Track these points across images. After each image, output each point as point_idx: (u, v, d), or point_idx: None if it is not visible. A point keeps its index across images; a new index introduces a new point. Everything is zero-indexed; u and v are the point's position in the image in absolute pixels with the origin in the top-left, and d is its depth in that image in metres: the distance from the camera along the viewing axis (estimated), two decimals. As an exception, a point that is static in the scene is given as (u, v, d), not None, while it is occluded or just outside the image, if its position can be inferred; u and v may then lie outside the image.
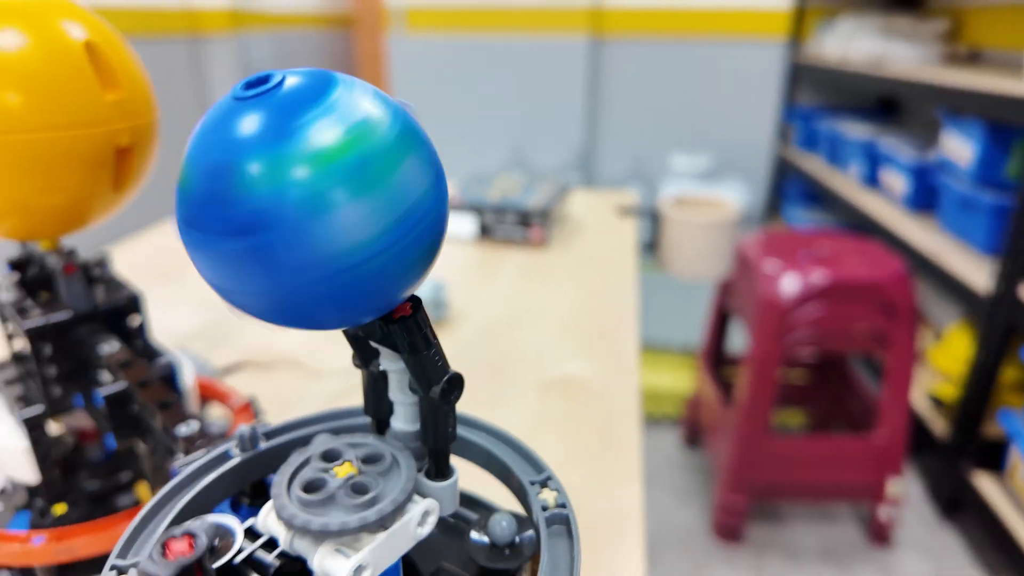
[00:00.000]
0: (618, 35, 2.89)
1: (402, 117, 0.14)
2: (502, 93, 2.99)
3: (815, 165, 2.19)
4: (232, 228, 0.13)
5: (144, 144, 0.29)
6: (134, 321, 0.34)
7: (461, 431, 0.22)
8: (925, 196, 1.50)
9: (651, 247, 1.04)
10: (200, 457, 0.20)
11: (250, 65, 3.03)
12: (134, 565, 0.16)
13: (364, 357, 0.18)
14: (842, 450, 1.18)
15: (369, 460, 0.17)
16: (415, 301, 0.17)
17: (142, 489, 0.35)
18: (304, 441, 0.20)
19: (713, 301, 1.40)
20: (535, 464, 0.20)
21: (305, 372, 0.58)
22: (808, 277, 1.08)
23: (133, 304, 0.34)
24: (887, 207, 1.59)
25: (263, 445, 0.20)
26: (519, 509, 0.22)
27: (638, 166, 3.03)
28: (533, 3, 2.83)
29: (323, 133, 0.13)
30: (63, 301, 0.32)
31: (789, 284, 1.09)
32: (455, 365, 0.48)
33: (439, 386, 0.18)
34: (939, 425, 1.31)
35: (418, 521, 0.17)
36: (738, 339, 1.83)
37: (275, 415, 0.49)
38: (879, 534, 1.22)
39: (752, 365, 1.13)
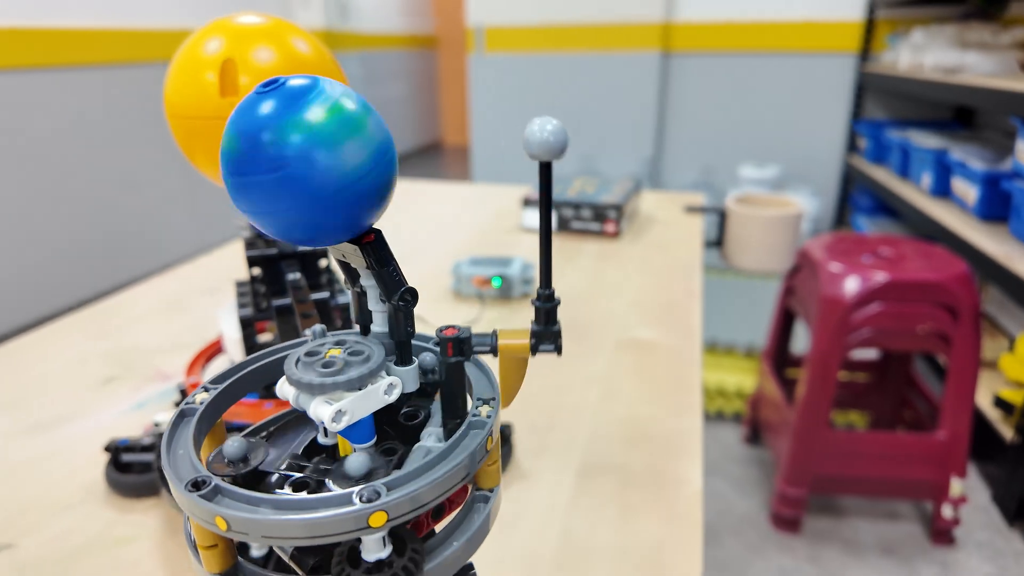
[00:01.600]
0: (687, 49, 2.95)
1: (362, 102, 0.21)
2: (573, 106, 3.10)
3: (884, 176, 2.19)
4: (261, 168, 0.19)
5: None
6: (322, 262, 0.46)
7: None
8: (997, 205, 1.51)
9: (717, 244, 1.12)
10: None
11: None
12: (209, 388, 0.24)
13: (351, 278, 0.25)
14: (903, 447, 1.21)
15: (353, 350, 0.23)
16: (377, 232, 0.23)
17: None
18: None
19: (777, 302, 1.45)
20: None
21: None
22: (871, 276, 1.13)
23: (322, 250, 0.45)
24: (958, 216, 1.60)
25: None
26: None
27: (706, 176, 3.08)
28: (605, 19, 2.93)
29: (312, 107, 0.19)
30: (276, 241, 0.45)
31: (851, 283, 1.14)
32: None
33: (397, 296, 0.23)
34: (1007, 431, 1.32)
35: (384, 390, 0.22)
36: (802, 341, 1.86)
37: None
38: (941, 533, 1.24)
39: (814, 361, 1.18)
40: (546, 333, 0.27)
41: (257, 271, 0.45)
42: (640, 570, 0.39)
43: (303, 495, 0.19)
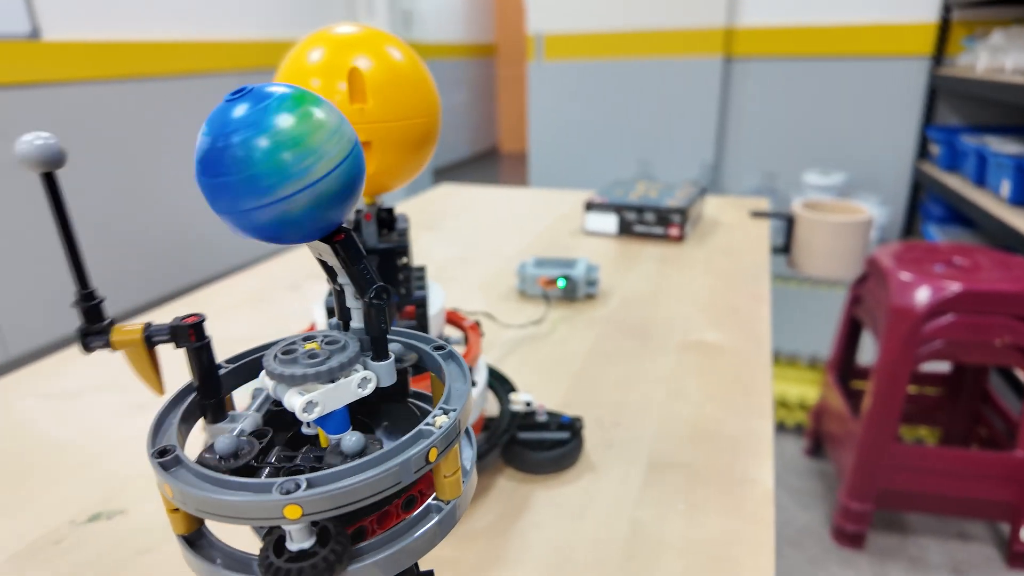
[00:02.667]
0: (750, 54, 2.90)
1: (327, 107, 0.22)
2: (632, 111, 3.09)
3: (958, 183, 2.10)
4: (230, 170, 0.20)
5: (392, 141, 0.42)
6: (401, 260, 0.49)
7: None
8: (1084, 214, 1.43)
9: (783, 251, 1.10)
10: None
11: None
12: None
13: (331, 276, 0.25)
14: (978, 465, 1.16)
15: (331, 343, 0.23)
16: (347, 231, 0.23)
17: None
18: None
19: (843, 311, 1.42)
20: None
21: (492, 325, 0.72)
22: (944, 286, 1.09)
23: (402, 249, 0.47)
24: (1040, 225, 1.53)
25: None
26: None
27: (768, 182, 3.02)
28: (666, 25, 2.92)
29: (277, 112, 0.20)
30: (363, 238, 0.47)
31: (923, 292, 1.10)
32: (606, 328, 0.62)
33: (368, 292, 0.23)
34: (1092, 451, 1.25)
35: (358, 383, 0.23)
36: (869, 352, 1.80)
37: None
38: (1019, 557, 1.19)
39: (881, 373, 1.15)
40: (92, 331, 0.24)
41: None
42: (712, 564, 0.40)
43: (242, 479, 0.20)
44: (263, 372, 0.23)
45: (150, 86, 2.45)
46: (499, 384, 0.55)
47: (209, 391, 0.25)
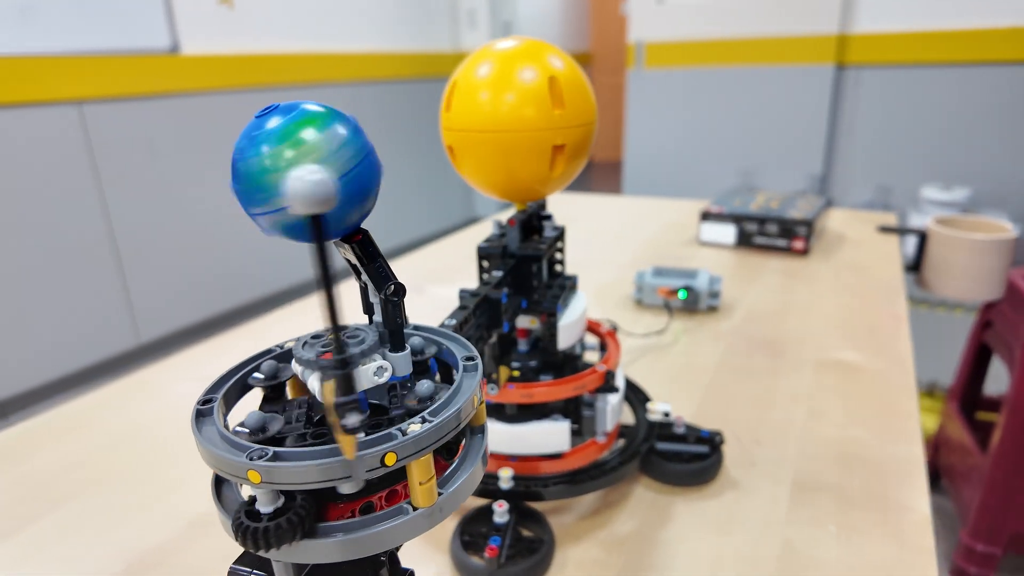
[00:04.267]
0: (865, 62, 2.76)
1: (343, 118, 0.24)
2: (735, 120, 3.00)
3: (1112, 201, 1.91)
4: (237, 179, 0.22)
5: (577, 144, 0.43)
6: (535, 266, 0.49)
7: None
8: None
9: (912, 269, 1.04)
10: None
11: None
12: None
13: (356, 273, 0.27)
14: None
15: (352, 335, 0.25)
16: (364, 232, 0.26)
17: (503, 371, 0.49)
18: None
19: (970, 336, 1.32)
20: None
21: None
22: (1100, 312, 1.00)
23: (535, 256, 0.48)
24: None
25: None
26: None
27: (883, 196, 2.85)
28: (773, 33, 2.82)
29: (300, 125, 0.22)
30: (513, 242, 0.48)
31: (1075, 319, 1.01)
32: (734, 342, 0.61)
33: (385, 289, 0.25)
34: None
35: (374, 371, 0.24)
36: (999, 381, 1.66)
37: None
38: None
39: (1015, 405, 1.06)
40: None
41: (486, 264, 0.49)
42: (873, 591, 0.38)
43: (234, 440, 0.22)
44: (293, 360, 0.25)
45: (273, 95, 2.62)
46: (633, 393, 0.55)
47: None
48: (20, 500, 0.49)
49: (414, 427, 0.22)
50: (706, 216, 1.04)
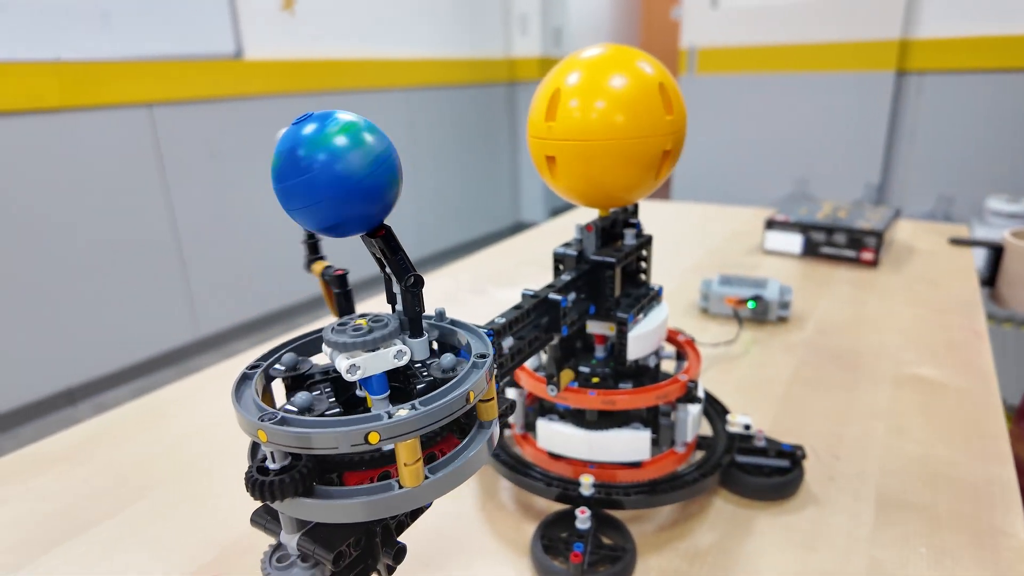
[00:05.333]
0: (928, 68, 2.67)
1: (368, 125, 0.27)
2: (788, 126, 2.94)
3: None
4: (295, 174, 0.25)
5: (679, 149, 0.43)
6: (608, 273, 0.49)
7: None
8: None
9: (986, 283, 1.00)
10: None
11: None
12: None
13: (380, 265, 0.30)
14: None
15: (375, 321, 0.28)
16: (387, 228, 0.28)
17: (565, 375, 0.48)
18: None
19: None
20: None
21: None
22: None
23: (607, 264, 0.47)
24: None
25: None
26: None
27: (943, 206, 2.75)
28: (832, 38, 2.75)
29: (329, 130, 0.25)
30: (590, 248, 0.48)
31: None
32: (806, 354, 0.59)
33: (404, 280, 0.28)
34: None
35: (394, 354, 0.27)
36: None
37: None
38: None
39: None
40: None
41: (561, 267, 0.49)
42: (971, 617, 0.37)
43: (257, 405, 0.26)
44: (325, 345, 0.28)
45: (330, 100, 2.68)
46: (710, 404, 0.54)
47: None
48: (113, 486, 0.51)
49: (401, 412, 0.24)
50: (771, 224, 1.02)
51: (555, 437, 0.45)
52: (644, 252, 0.48)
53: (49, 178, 1.92)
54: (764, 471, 0.47)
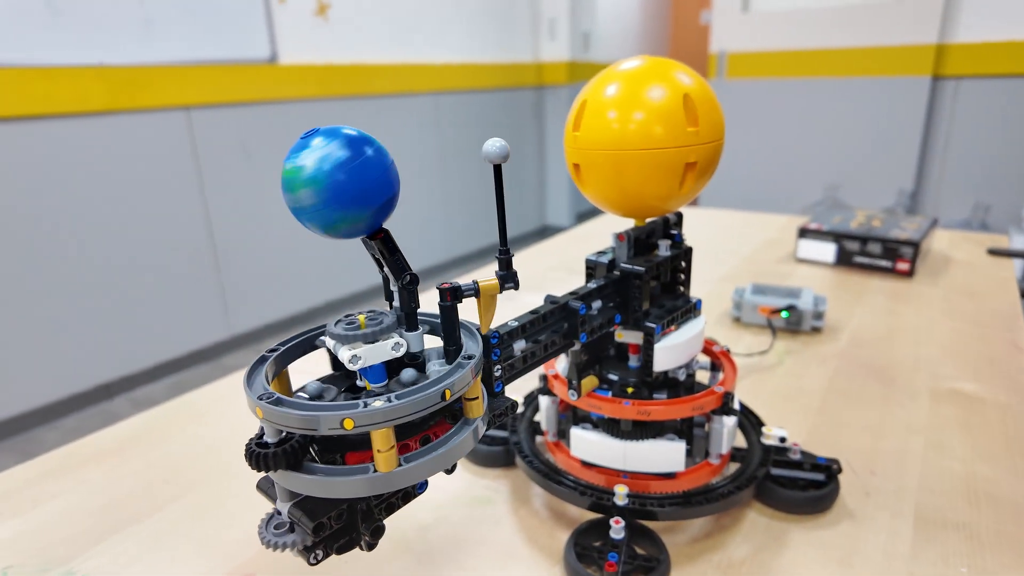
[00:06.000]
0: (965, 73, 2.61)
1: (366, 137, 0.29)
2: (820, 133, 2.90)
3: None
4: (300, 184, 0.28)
5: (708, 161, 0.42)
6: (637, 282, 0.49)
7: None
8: None
9: (1025, 294, 0.98)
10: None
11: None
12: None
13: (379, 265, 0.32)
14: None
15: (375, 316, 0.30)
16: (385, 231, 0.31)
17: (588, 381, 0.48)
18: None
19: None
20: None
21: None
22: None
23: (636, 274, 0.47)
24: None
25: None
26: None
27: (980, 215, 2.69)
28: (866, 43, 2.71)
29: (333, 144, 0.28)
30: (621, 256, 0.48)
31: None
32: (842, 366, 0.59)
33: (401, 279, 0.30)
34: None
35: (392, 346, 0.30)
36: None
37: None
38: None
39: None
40: (508, 276, 0.33)
41: (592, 274, 0.49)
42: (1014, 639, 0.36)
43: (265, 385, 0.29)
44: (327, 337, 0.30)
45: (361, 103, 2.71)
46: (745, 416, 0.54)
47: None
48: (155, 482, 0.52)
49: (376, 403, 0.27)
50: (804, 233, 1.01)
51: (589, 446, 0.46)
52: (683, 263, 0.48)
53: (92, 177, 1.97)
54: (799, 484, 0.47)
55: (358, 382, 0.32)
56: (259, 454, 0.27)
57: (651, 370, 0.44)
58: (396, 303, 0.32)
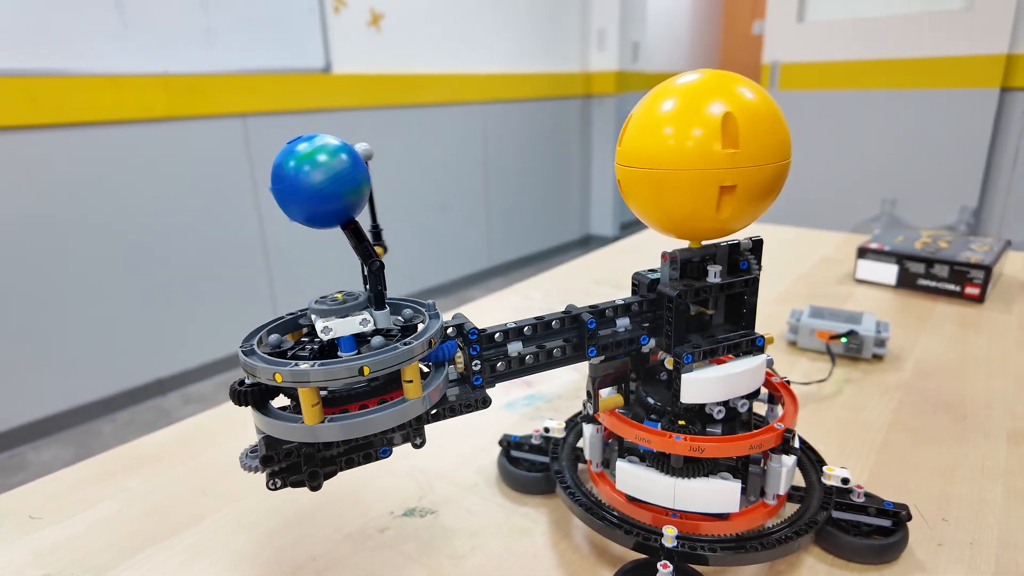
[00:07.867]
0: (1043, 85, 2.47)
1: (342, 145, 0.33)
2: (877, 147, 2.80)
3: None
4: (280, 179, 0.32)
5: (756, 185, 0.40)
6: (680, 306, 0.46)
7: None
8: None
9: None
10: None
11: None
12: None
13: (357, 253, 0.35)
14: None
15: (348, 295, 0.35)
16: (355, 222, 0.35)
17: (612, 399, 0.46)
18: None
19: None
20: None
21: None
22: None
23: (671, 299, 0.44)
24: None
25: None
26: None
27: (1053, 237, 2.54)
28: (928, 54, 2.60)
29: (313, 149, 0.33)
30: (664, 277, 0.45)
31: None
32: (907, 398, 0.54)
33: (370, 264, 0.34)
34: None
35: (360, 322, 0.34)
36: None
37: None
38: None
39: None
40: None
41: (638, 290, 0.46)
42: None
43: (253, 346, 0.35)
44: (311, 312, 0.35)
45: (411, 112, 2.74)
46: (804, 453, 0.51)
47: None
48: (196, 491, 0.52)
49: (303, 366, 0.32)
50: (864, 253, 0.96)
51: (637, 481, 0.43)
52: (739, 290, 0.44)
53: (153, 182, 2.04)
54: (863, 530, 0.44)
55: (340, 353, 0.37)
56: (238, 392, 0.34)
57: (677, 399, 0.42)
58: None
